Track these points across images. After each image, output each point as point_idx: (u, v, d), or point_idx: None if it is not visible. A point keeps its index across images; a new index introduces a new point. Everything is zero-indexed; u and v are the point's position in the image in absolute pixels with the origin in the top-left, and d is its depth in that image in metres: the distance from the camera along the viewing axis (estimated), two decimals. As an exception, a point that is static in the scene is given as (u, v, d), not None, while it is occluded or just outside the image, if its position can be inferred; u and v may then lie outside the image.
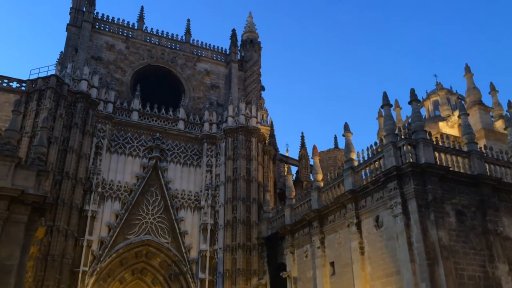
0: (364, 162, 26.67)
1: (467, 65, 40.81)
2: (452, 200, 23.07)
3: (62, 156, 32.99)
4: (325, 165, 45.61)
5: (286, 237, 32.80)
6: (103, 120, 37.34)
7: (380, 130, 45.78)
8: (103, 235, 34.01)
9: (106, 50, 42.74)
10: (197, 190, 38.65)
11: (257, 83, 47.05)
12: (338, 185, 28.61)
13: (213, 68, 46.81)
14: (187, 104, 43.02)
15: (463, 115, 27.42)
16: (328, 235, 28.44)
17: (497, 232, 23.14)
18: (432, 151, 23.54)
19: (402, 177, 22.95)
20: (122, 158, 37.39)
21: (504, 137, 33.87)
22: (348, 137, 28.83)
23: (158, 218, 36.25)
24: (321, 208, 29.04)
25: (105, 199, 35.31)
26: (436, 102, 48.50)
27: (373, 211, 24.79)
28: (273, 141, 48.59)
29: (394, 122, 26.10)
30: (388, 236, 23.32)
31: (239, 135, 39.78)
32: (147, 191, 36.80)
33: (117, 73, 42.10)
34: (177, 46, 46.16)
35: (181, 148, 39.78)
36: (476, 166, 24.49)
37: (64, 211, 31.45)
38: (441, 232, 21.61)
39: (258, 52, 48.99)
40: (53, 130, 32.68)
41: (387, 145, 24.33)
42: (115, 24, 44.48)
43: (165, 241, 35.78)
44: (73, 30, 42.21)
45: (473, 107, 38.00)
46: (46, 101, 33.16)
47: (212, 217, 37.45)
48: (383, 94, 26.42)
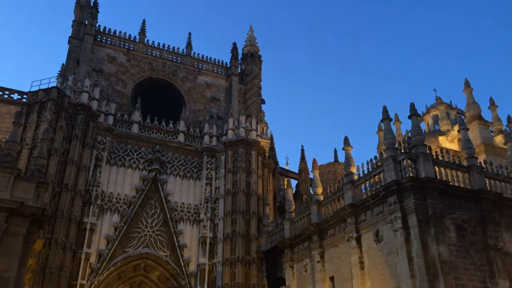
0: (364, 176, 26.66)
1: (467, 80, 40.96)
2: (452, 215, 23.02)
3: (61, 168, 32.98)
4: (325, 178, 45.51)
5: (286, 251, 32.63)
6: (103, 132, 37.40)
7: (380, 144, 45.76)
8: (101, 248, 33.82)
9: (107, 63, 42.96)
10: (197, 203, 38.54)
11: (257, 96, 47.20)
12: (338, 199, 28.56)
13: (214, 81, 47.01)
14: (187, 116, 43.12)
15: (462, 130, 27.48)
16: (328, 249, 28.30)
17: (498, 247, 23.06)
18: (432, 166, 23.55)
19: (402, 192, 22.93)
20: (121, 170, 37.36)
21: (504, 152, 33.88)
22: (348, 151, 28.85)
23: (157, 231, 36.08)
24: (321, 222, 28.94)
25: (104, 212, 35.19)
26: (436, 116, 48.61)
27: (373, 225, 24.70)
28: (273, 154, 48.57)
29: (394, 136, 26.15)
30: (388, 250, 23.20)
31: (239, 148, 39.80)
32: (147, 203, 36.70)
33: (118, 86, 42.28)
34: (178, 59, 46.42)
35: (181, 161, 39.76)
36: (476, 180, 24.48)
37: (63, 223, 31.36)
38: (441, 247, 21.52)
39: (258, 65, 49.22)
40: (53, 142, 32.70)
41: (387, 159, 24.35)
42: (117, 37, 44.80)
43: (164, 254, 35.56)
44: (75, 43, 42.51)
45: (472, 121, 38.07)
46: (46, 113, 33.27)
47: (211, 230, 37.28)
48: (383, 108, 26.53)
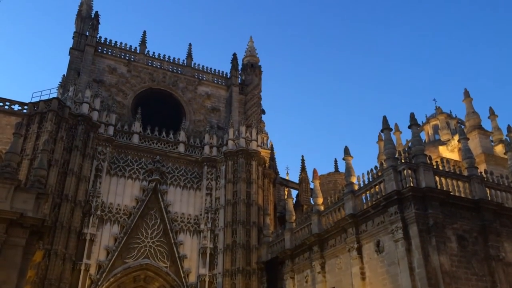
0: (365, 186, 26.61)
1: (466, 90, 41.10)
2: (453, 225, 22.94)
3: (61, 178, 32.95)
4: (326, 188, 45.40)
5: (286, 261, 32.46)
6: (103, 142, 37.42)
7: (380, 154, 45.77)
8: (101, 259, 33.66)
9: (108, 74, 43.12)
10: (197, 213, 38.42)
11: (257, 107, 47.32)
12: (339, 209, 28.47)
13: (214, 91, 47.17)
14: (187, 127, 43.17)
15: (463, 140, 27.48)
16: (329, 260, 28.16)
17: (499, 257, 22.95)
18: (432, 175, 23.53)
19: (403, 202, 22.87)
20: (122, 180, 37.32)
21: (504, 162, 33.86)
22: (348, 161, 28.84)
23: (157, 242, 35.93)
24: (322, 233, 28.83)
25: (104, 222, 35.08)
26: (436, 126, 48.66)
27: (374, 235, 24.61)
28: (273, 164, 48.50)
29: (394, 146, 26.17)
30: (389, 261, 23.09)
31: (239, 158, 39.79)
32: (147, 214, 36.59)
33: (118, 96, 42.40)
34: (179, 69, 46.62)
35: (181, 171, 39.72)
36: (476, 190, 24.43)
37: (63, 234, 31.26)
38: (442, 257, 21.42)
39: (258, 76, 49.42)
40: (54, 152, 32.71)
41: (387, 169, 24.32)
42: (117, 48, 45.02)
43: (164, 265, 35.38)
44: (76, 54, 42.72)
45: (472, 131, 38.11)
46: (47, 124, 33.33)
47: (212, 241, 37.13)
48: (383, 118, 26.57)
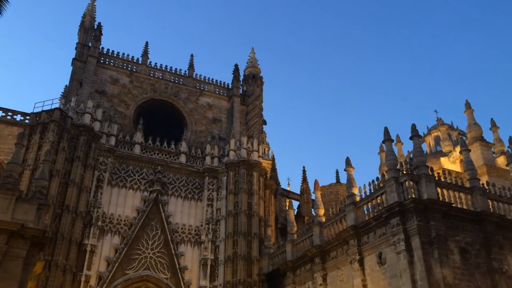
0: (366, 198, 26.51)
1: (467, 101, 41.14)
2: (455, 237, 22.78)
3: (63, 189, 32.92)
4: (327, 200, 45.29)
5: (288, 273, 32.25)
6: (105, 153, 37.44)
7: (381, 165, 45.72)
8: (101, 270, 33.49)
9: (110, 84, 43.31)
10: (198, 224, 38.29)
11: (259, 117, 47.39)
12: (340, 221, 28.34)
13: (216, 102, 47.28)
14: (189, 137, 43.21)
15: (464, 151, 27.42)
16: (330, 271, 27.97)
17: (503, 270, 22.74)
18: (434, 187, 23.42)
19: (405, 213, 22.76)
20: (123, 191, 37.26)
21: (506, 174, 33.77)
22: (350, 172, 28.77)
23: (158, 253, 35.76)
24: (323, 244, 28.67)
25: (105, 233, 34.96)
26: (437, 137, 48.66)
27: (375, 247, 24.45)
28: (274, 175, 48.44)
29: (395, 157, 26.07)
30: (391, 273, 22.91)
31: (240, 169, 39.75)
32: (147, 225, 36.47)
33: (120, 107, 42.52)
34: (180, 80, 46.80)
35: (182, 182, 39.68)
36: (479, 202, 24.29)
37: (63, 245, 31.12)
38: (445, 270, 21.26)
39: (260, 86, 49.56)
40: (55, 163, 32.72)
41: (389, 180, 24.25)
42: (120, 59, 45.25)
43: (165, 276, 35.17)
44: (78, 65, 42.93)
45: (474, 143, 38.07)
46: (49, 134, 33.37)
47: (213, 252, 36.95)
48: (384, 129, 26.54)
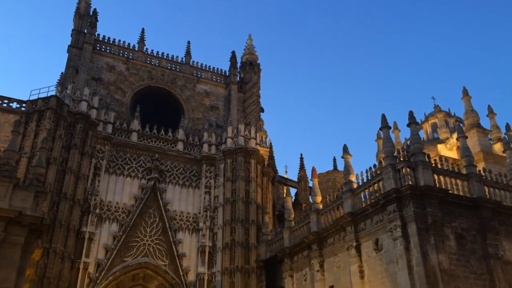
0: (363, 185, 26.61)
1: (465, 88, 41.13)
2: (451, 223, 22.96)
3: (60, 177, 32.88)
4: (324, 187, 45.44)
5: (285, 260, 32.46)
6: (102, 141, 37.33)
7: (379, 152, 45.78)
8: (100, 257, 33.63)
9: (106, 71, 43.02)
10: (196, 211, 38.41)
11: (256, 105, 47.26)
12: (337, 208, 28.47)
13: (213, 89, 47.08)
14: (186, 125, 43.10)
15: (461, 138, 27.50)
16: (327, 258, 28.17)
17: (498, 256, 22.96)
18: (431, 174, 23.53)
19: (402, 200, 22.88)
20: (120, 179, 37.25)
21: (502, 160, 33.89)
22: (347, 159, 28.83)
23: (156, 240, 35.91)
24: (320, 231, 28.84)
25: (103, 221, 35.03)
26: (435, 124, 48.70)
27: (372, 234, 24.61)
28: (272, 162, 48.49)
29: (393, 144, 26.13)
30: (388, 259, 23.10)
31: (238, 157, 39.75)
32: (145, 212, 36.56)
33: (117, 94, 42.29)
34: (177, 67, 46.52)
35: (180, 169, 39.67)
36: (475, 189, 24.44)
37: (61, 232, 31.20)
38: (441, 255, 21.44)
39: (257, 74, 49.33)
40: (52, 150, 32.64)
41: (386, 167, 24.32)
42: (116, 46, 44.90)
43: (163, 263, 35.36)
44: (74, 52, 42.58)
45: (471, 129, 38.14)
46: (45, 122, 33.23)
47: (211, 239, 37.12)
48: (381, 116, 26.53)
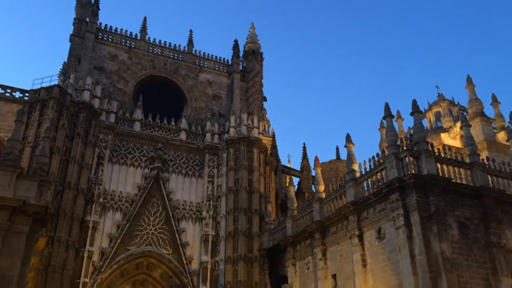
0: (366, 174, 26.59)
1: (469, 76, 40.80)
2: (454, 212, 22.95)
3: (64, 166, 33.02)
4: (327, 176, 45.49)
5: (288, 249, 32.62)
6: (105, 130, 37.40)
7: (382, 141, 45.67)
8: (104, 246, 33.88)
9: (108, 61, 42.91)
10: (199, 200, 38.55)
11: (259, 94, 47.12)
12: (340, 197, 28.51)
13: (215, 78, 46.93)
14: (189, 114, 43.07)
15: (465, 127, 27.38)
16: (330, 247, 28.29)
17: (501, 244, 22.99)
18: (434, 163, 23.46)
19: (404, 189, 22.87)
20: (123, 168, 37.38)
21: (506, 149, 33.77)
22: (350, 148, 28.79)
23: (160, 229, 36.12)
24: (323, 220, 28.91)
25: (107, 210, 35.23)
26: (438, 113, 48.45)
27: (375, 223, 24.66)
28: (275, 151, 48.49)
29: (396, 133, 26.05)
30: (390, 248, 23.17)
31: (240, 146, 39.76)
32: (149, 201, 36.71)
33: (119, 84, 42.25)
34: (180, 56, 46.35)
35: (183, 159, 39.75)
36: (478, 178, 24.37)
37: (65, 221, 31.42)
38: (444, 244, 21.47)
39: (260, 62, 49.09)
40: (55, 140, 32.72)
41: (389, 156, 24.27)
42: (118, 35, 44.72)
43: (166, 252, 35.61)
44: (76, 41, 42.45)
45: (475, 118, 37.93)
46: (48, 111, 33.30)
47: (214, 228, 37.29)
48: (385, 105, 26.45)
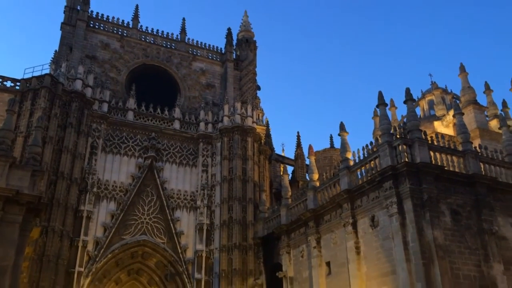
0: (360, 162, 26.71)
1: (462, 64, 40.94)
2: (447, 200, 23.16)
3: (57, 156, 32.85)
4: (321, 164, 45.67)
5: (282, 237, 32.80)
6: (98, 119, 37.19)
7: (375, 129, 45.85)
8: (98, 236, 33.89)
9: (100, 49, 42.50)
10: (193, 190, 38.57)
11: (252, 83, 46.98)
12: (334, 185, 28.64)
13: (209, 67, 46.69)
14: (182, 103, 42.88)
15: (458, 115, 27.54)
16: (324, 235, 28.48)
17: (492, 231, 23.24)
18: (427, 151, 23.62)
19: (398, 177, 23.01)
20: (117, 158, 37.24)
21: (498, 137, 34.00)
22: (344, 137, 28.86)
23: (154, 218, 36.14)
24: (317, 208, 29.06)
25: (101, 199, 35.18)
26: (431, 101, 48.64)
27: (368, 210, 24.83)
28: (269, 140, 48.56)
29: (389, 121, 26.12)
30: (383, 235, 23.37)
31: (234, 135, 39.73)
32: (143, 191, 36.68)
33: (112, 72, 41.90)
34: (173, 45, 45.98)
35: (176, 148, 39.67)
36: (471, 165, 24.58)
37: (59, 211, 31.34)
38: (436, 231, 21.69)
39: (253, 51, 48.88)
40: (48, 130, 32.48)
41: (382, 144, 24.37)
42: (110, 23, 44.23)
43: (161, 241, 35.69)
44: (68, 29, 41.97)
45: (468, 106, 38.13)
46: (40, 101, 33.02)
47: (208, 217, 37.38)
48: (378, 93, 26.48)
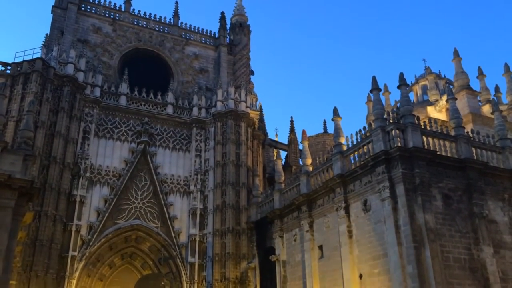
0: (353, 147, 26.79)
1: (456, 49, 40.90)
2: (439, 184, 23.35)
3: (49, 140, 32.68)
4: (314, 149, 45.76)
5: (275, 221, 33.00)
6: (90, 104, 36.93)
7: (369, 114, 45.88)
8: (92, 220, 33.93)
9: (92, 33, 42.01)
10: (186, 175, 38.60)
11: (246, 67, 46.73)
12: (327, 170, 28.75)
13: (202, 51, 46.33)
14: (175, 88, 42.62)
15: (451, 100, 27.62)
16: (317, 219, 28.67)
17: (483, 215, 23.51)
18: (420, 136, 23.73)
19: (390, 161, 23.12)
20: (110, 142, 37.12)
21: (491, 122, 34.17)
22: (337, 122, 28.88)
23: (147, 203, 36.22)
24: (310, 193, 29.20)
25: (94, 184, 35.14)
26: (425, 86, 48.67)
27: (361, 195, 24.99)
28: (262, 125, 48.51)
29: (383, 106, 26.14)
30: (376, 219, 23.57)
31: (228, 120, 39.64)
32: (136, 176, 36.67)
33: (104, 57, 41.50)
34: (165, 29, 45.54)
35: (170, 133, 39.56)
36: (463, 150, 24.75)
37: (52, 196, 31.31)
38: (428, 215, 21.90)
39: (247, 35, 48.52)
40: (40, 114, 32.27)
41: (375, 129, 24.43)
42: (102, 6, 43.64)
43: (155, 225, 35.81)
44: (59, 12, 41.39)
45: (461, 91, 38.22)
46: (32, 85, 32.71)
47: (202, 202, 37.50)
48: (372, 78, 26.44)
